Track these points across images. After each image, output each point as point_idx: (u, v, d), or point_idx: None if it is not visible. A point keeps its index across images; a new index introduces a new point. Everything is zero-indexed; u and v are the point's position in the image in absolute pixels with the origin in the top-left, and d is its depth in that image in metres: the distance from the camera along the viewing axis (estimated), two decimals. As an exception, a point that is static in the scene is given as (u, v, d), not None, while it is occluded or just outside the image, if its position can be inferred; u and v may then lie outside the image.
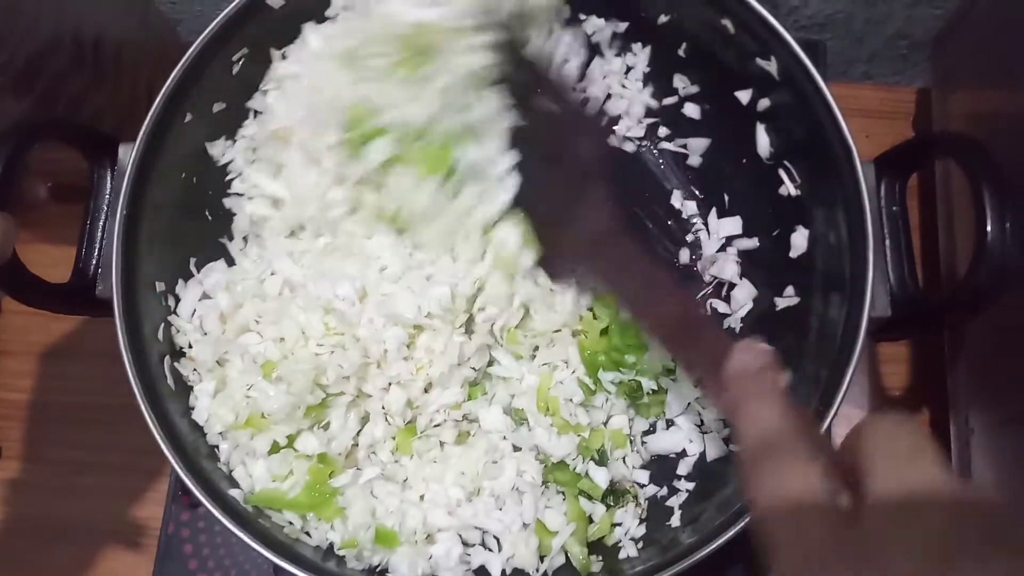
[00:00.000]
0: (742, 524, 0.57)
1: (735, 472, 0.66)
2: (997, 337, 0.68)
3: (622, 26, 0.77)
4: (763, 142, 0.72)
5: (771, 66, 0.67)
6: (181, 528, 0.74)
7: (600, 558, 0.65)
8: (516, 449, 0.67)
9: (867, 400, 0.81)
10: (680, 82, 0.78)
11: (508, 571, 0.64)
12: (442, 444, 0.67)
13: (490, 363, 0.69)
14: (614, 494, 0.67)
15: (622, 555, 0.65)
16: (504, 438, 0.67)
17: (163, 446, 0.59)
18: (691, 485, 0.68)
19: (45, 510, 0.82)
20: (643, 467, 0.69)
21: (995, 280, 0.55)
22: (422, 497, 0.65)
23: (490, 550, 0.65)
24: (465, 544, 0.65)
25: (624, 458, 0.69)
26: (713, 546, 0.56)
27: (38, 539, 0.81)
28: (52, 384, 0.87)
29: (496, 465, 0.66)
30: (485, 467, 0.65)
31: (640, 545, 0.65)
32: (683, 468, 0.69)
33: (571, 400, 0.68)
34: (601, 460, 0.67)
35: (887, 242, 0.62)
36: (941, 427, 0.77)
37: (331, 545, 0.63)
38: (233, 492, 0.61)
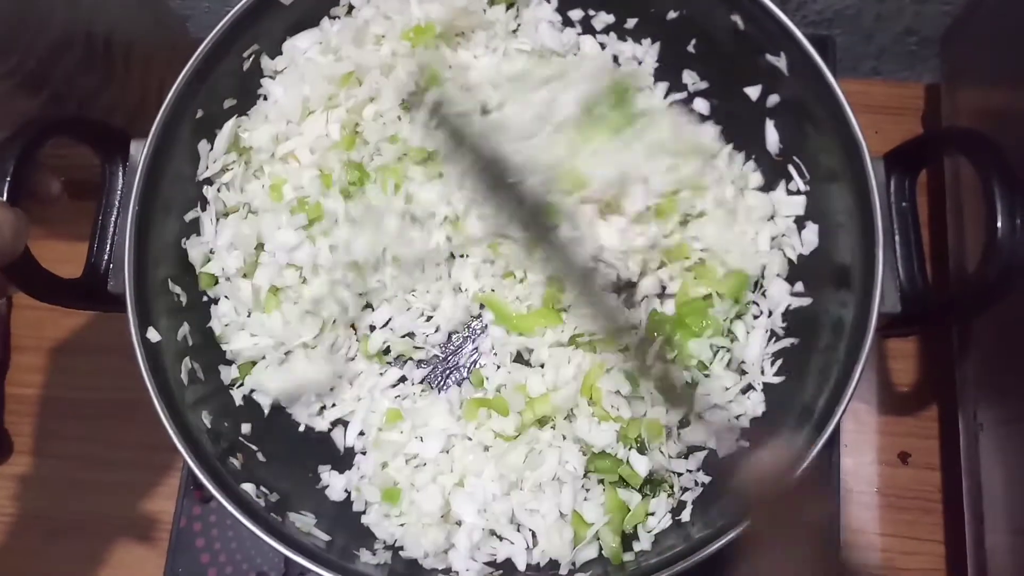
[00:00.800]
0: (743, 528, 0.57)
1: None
2: (1006, 333, 0.68)
3: (631, 22, 0.77)
4: (772, 138, 0.72)
5: (780, 62, 0.67)
6: (193, 522, 0.75)
7: (633, 547, 0.65)
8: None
9: (875, 396, 0.81)
10: (689, 78, 0.78)
11: (543, 563, 0.64)
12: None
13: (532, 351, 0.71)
14: (651, 483, 0.67)
15: (636, 547, 0.65)
16: (552, 426, 0.68)
17: (176, 441, 0.59)
18: (706, 479, 0.68)
19: (57, 504, 0.83)
20: (680, 456, 0.69)
21: (1005, 275, 0.55)
22: (460, 483, 0.66)
23: (512, 543, 0.65)
24: (497, 536, 0.65)
25: (661, 448, 0.68)
26: (723, 541, 0.56)
27: (50, 533, 0.82)
28: (63, 379, 0.87)
29: (539, 455, 0.66)
30: (528, 457, 0.66)
31: (653, 539, 0.65)
32: (692, 463, 0.69)
33: (617, 392, 0.68)
34: (641, 449, 0.67)
35: (896, 238, 0.62)
36: (950, 423, 0.78)
37: (343, 546, 0.64)
38: (245, 486, 0.62)
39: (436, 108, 0.68)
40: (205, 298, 0.71)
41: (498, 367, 0.71)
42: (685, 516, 0.65)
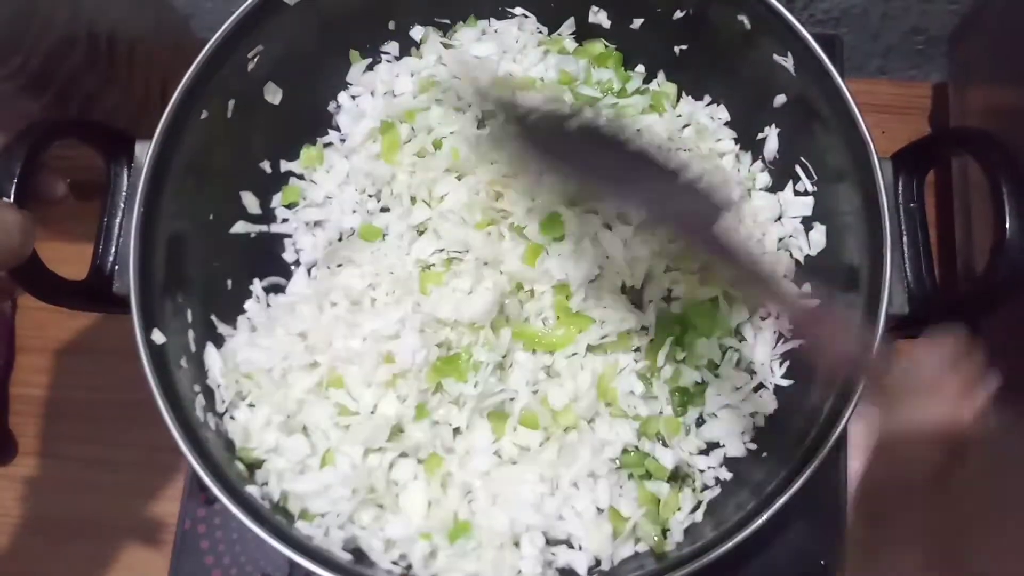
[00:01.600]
0: (760, 521, 0.56)
1: (753, 471, 0.66)
2: (1015, 334, 0.68)
3: (637, 22, 0.77)
4: (771, 145, 0.73)
5: (787, 62, 0.67)
6: (197, 524, 0.75)
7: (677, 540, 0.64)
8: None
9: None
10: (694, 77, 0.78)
11: (608, 568, 0.63)
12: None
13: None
14: (676, 478, 0.67)
15: (671, 539, 0.64)
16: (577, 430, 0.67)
17: (181, 443, 0.59)
18: (728, 476, 0.68)
19: (61, 506, 0.83)
20: (700, 452, 0.68)
21: (1014, 276, 0.55)
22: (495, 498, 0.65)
23: (572, 547, 0.64)
24: (549, 543, 0.64)
25: (680, 444, 0.68)
26: (733, 542, 0.56)
27: (55, 535, 0.82)
28: (68, 380, 0.87)
29: (571, 452, 0.65)
30: (561, 454, 0.65)
31: (684, 530, 0.64)
32: (714, 460, 0.69)
33: (631, 392, 0.67)
34: (665, 443, 0.67)
35: (904, 239, 0.62)
36: (957, 424, 0.77)
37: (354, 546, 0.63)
38: (250, 489, 0.61)
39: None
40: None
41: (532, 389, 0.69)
42: (698, 516, 0.65)
